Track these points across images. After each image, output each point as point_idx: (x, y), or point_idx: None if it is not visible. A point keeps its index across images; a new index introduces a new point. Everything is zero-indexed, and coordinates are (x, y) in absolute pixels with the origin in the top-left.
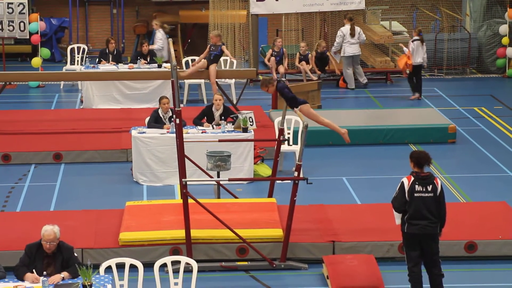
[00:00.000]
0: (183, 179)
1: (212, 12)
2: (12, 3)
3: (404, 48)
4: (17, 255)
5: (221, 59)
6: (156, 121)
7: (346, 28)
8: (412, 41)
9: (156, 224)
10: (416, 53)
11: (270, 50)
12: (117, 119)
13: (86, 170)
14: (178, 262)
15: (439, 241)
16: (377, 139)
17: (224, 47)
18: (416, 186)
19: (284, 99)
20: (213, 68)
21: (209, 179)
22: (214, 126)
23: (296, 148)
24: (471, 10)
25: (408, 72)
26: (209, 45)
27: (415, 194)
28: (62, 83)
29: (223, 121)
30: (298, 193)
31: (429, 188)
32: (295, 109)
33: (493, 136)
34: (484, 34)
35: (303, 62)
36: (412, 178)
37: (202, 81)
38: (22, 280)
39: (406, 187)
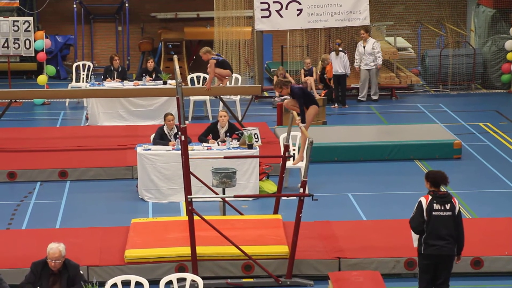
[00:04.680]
0: (188, 196)
1: (217, 29)
2: (17, 21)
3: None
4: (23, 273)
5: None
6: (161, 138)
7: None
8: (329, 53)
9: (162, 241)
10: (334, 64)
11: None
12: (123, 136)
13: (92, 188)
14: (184, 279)
15: (453, 264)
16: (383, 155)
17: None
18: (434, 204)
19: (298, 101)
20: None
21: (215, 195)
22: (220, 142)
23: (302, 164)
24: (476, 25)
25: (329, 80)
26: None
27: (433, 213)
28: (67, 100)
29: (228, 138)
30: (303, 210)
31: (448, 207)
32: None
33: (499, 152)
34: (489, 49)
35: (309, 77)
36: (430, 197)
37: (207, 97)
38: None
39: (424, 206)
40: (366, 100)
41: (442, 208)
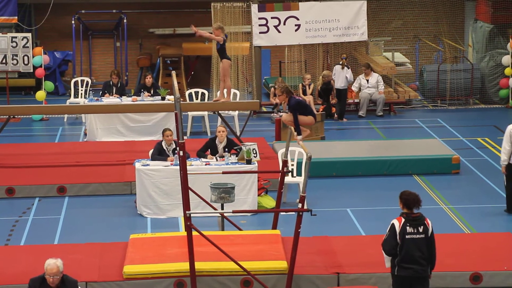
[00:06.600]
0: (187, 211)
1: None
2: (16, 37)
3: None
4: None
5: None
6: (159, 154)
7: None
8: (330, 68)
9: (160, 256)
10: (337, 78)
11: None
12: (121, 152)
13: (90, 203)
14: None
15: (429, 283)
16: (381, 170)
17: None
18: (408, 227)
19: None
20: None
21: (213, 211)
22: (218, 158)
23: (300, 179)
24: (474, 41)
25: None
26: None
27: (407, 236)
28: (65, 116)
29: (226, 153)
30: (302, 225)
31: (421, 229)
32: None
33: (497, 167)
34: (486, 64)
35: (309, 96)
36: (403, 220)
37: (206, 113)
38: None
39: (397, 229)
40: (367, 115)
41: (415, 230)
